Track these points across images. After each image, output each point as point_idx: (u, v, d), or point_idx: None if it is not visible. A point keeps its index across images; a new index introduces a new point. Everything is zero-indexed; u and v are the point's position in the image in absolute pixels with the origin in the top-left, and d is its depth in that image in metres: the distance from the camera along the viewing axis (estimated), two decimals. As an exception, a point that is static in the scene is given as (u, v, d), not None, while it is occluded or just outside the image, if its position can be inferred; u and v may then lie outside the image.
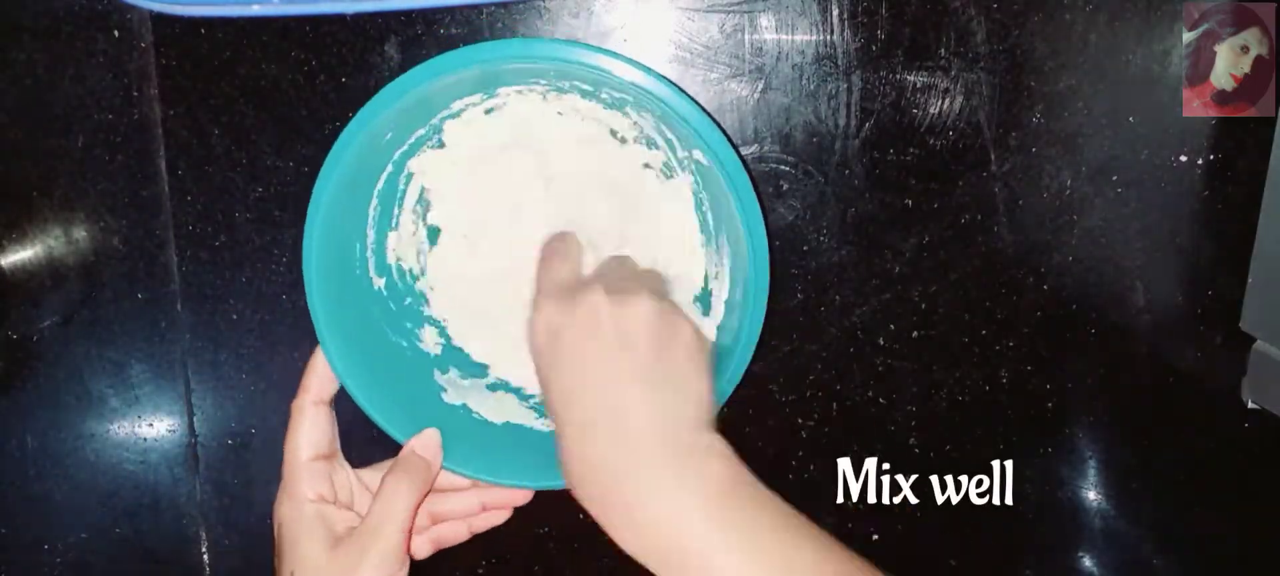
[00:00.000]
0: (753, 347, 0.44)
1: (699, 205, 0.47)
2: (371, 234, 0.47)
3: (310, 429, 0.45)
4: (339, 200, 0.43)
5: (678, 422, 0.37)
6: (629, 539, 0.36)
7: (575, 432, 0.38)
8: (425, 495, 0.45)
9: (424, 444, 0.46)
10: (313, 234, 0.43)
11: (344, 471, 0.46)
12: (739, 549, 0.34)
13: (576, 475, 0.38)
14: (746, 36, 0.47)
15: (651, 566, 0.36)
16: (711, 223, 0.47)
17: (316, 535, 0.43)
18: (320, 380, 0.45)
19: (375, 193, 0.46)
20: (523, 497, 0.48)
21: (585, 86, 0.44)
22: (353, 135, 0.42)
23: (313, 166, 0.48)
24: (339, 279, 0.45)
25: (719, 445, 0.37)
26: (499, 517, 0.49)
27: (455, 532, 0.48)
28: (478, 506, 0.48)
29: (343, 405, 0.46)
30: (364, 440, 0.47)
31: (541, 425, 0.49)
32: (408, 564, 0.44)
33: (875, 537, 0.54)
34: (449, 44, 0.47)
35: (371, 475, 0.47)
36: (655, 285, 0.42)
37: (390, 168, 0.46)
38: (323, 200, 0.43)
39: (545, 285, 0.42)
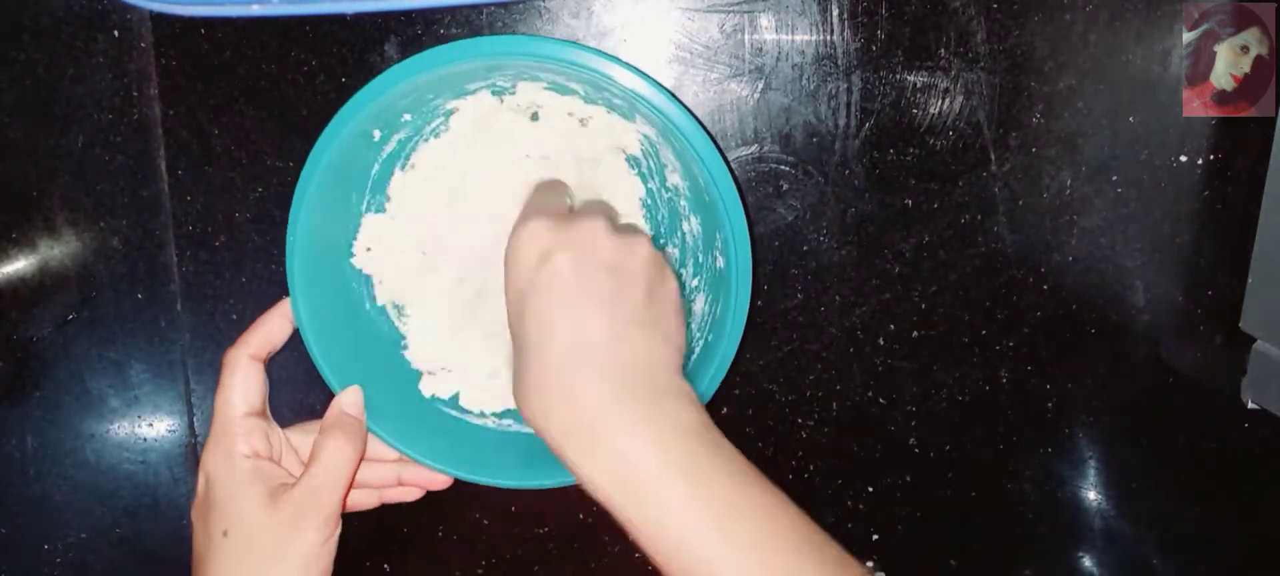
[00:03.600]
0: (737, 341, 0.45)
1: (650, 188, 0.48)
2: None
3: (244, 383, 0.44)
4: (328, 179, 0.44)
5: (661, 367, 0.38)
6: (587, 468, 0.36)
7: (552, 359, 0.37)
8: (362, 455, 0.45)
9: (352, 402, 0.46)
10: (304, 196, 0.44)
11: (275, 429, 0.46)
12: (691, 488, 0.35)
13: (538, 406, 0.37)
14: (746, 36, 0.47)
15: (605, 496, 0.36)
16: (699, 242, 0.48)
17: (253, 491, 0.42)
18: (263, 337, 0.45)
19: (367, 179, 0.47)
20: (442, 482, 0.48)
21: (563, 81, 0.45)
22: (350, 114, 0.42)
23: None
24: (323, 250, 0.46)
25: (687, 389, 0.38)
26: (411, 495, 0.49)
27: (365, 499, 0.48)
28: (394, 480, 0.48)
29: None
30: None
31: (481, 421, 0.50)
32: (341, 524, 0.44)
33: (875, 537, 0.54)
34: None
35: (296, 436, 0.47)
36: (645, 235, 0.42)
37: (385, 154, 0.47)
38: (317, 168, 0.43)
39: (537, 205, 0.41)
